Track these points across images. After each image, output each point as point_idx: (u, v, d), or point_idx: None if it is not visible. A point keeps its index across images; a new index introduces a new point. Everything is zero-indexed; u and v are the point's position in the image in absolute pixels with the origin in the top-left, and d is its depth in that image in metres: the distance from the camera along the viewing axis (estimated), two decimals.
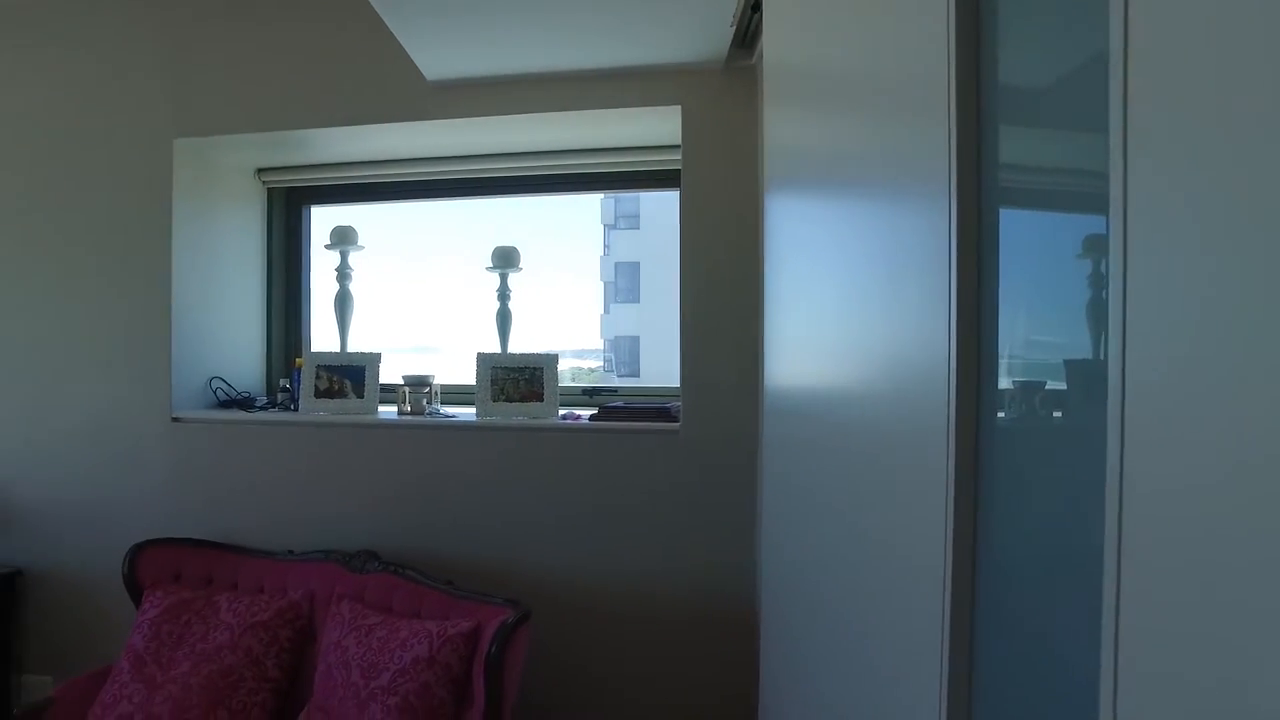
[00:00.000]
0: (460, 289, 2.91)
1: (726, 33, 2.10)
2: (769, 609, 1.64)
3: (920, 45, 0.75)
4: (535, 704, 2.32)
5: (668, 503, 2.31)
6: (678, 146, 2.57)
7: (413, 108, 2.44)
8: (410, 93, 2.43)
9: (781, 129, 1.58)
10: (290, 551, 2.47)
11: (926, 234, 0.73)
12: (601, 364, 4.94)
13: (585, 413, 2.47)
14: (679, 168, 2.61)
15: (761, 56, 2.20)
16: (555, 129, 2.53)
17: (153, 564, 2.42)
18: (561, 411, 2.46)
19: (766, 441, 1.76)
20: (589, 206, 3.08)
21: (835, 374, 1.09)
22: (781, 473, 1.52)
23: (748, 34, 2.16)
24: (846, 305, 1.03)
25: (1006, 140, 0.66)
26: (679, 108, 2.30)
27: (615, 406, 2.40)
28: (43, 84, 2.74)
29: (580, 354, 3.24)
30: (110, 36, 2.68)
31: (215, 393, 2.72)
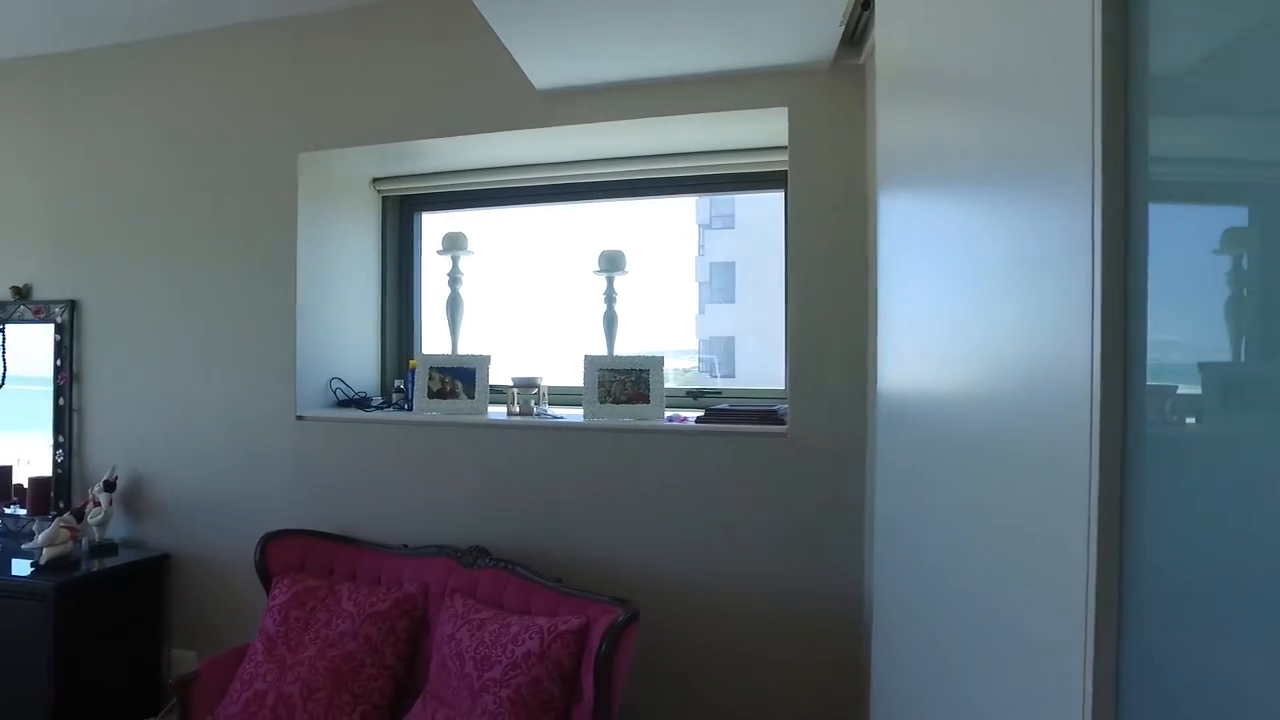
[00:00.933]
0: (566, 291, 2.97)
1: (835, 32, 2.07)
2: (882, 617, 1.60)
3: (1058, 33, 0.72)
4: (638, 702, 2.34)
5: (774, 505, 2.29)
6: (776, 148, 2.56)
7: (522, 116, 2.50)
8: (519, 102, 2.50)
9: (895, 128, 1.55)
10: (405, 546, 2.58)
11: (1064, 232, 0.70)
12: (697, 365, 4.94)
13: (690, 415, 2.48)
14: (778, 169, 2.60)
15: (871, 54, 2.16)
16: (657, 133, 2.55)
17: (281, 553, 2.57)
18: (667, 413, 2.48)
19: (879, 446, 1.72)
20: (684, 207, 3.09)
21: (958, 378, 1.05)
22: (896, 479, 1.48)
23: (856, 32, 2.12)
24: (971, 307, 1.00)
25: (1157, 131, 0.62)
26: (785, 109, 2.29)
27: (721, 409, 2.39)
28: (187, 109, 2.96)
29: (675, 355, 3.25)
30: (244, 65, 2.88)
31: (335, 392, 2.87)
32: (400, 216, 3.15)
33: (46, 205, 3.19)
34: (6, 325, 3.23)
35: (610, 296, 2.63)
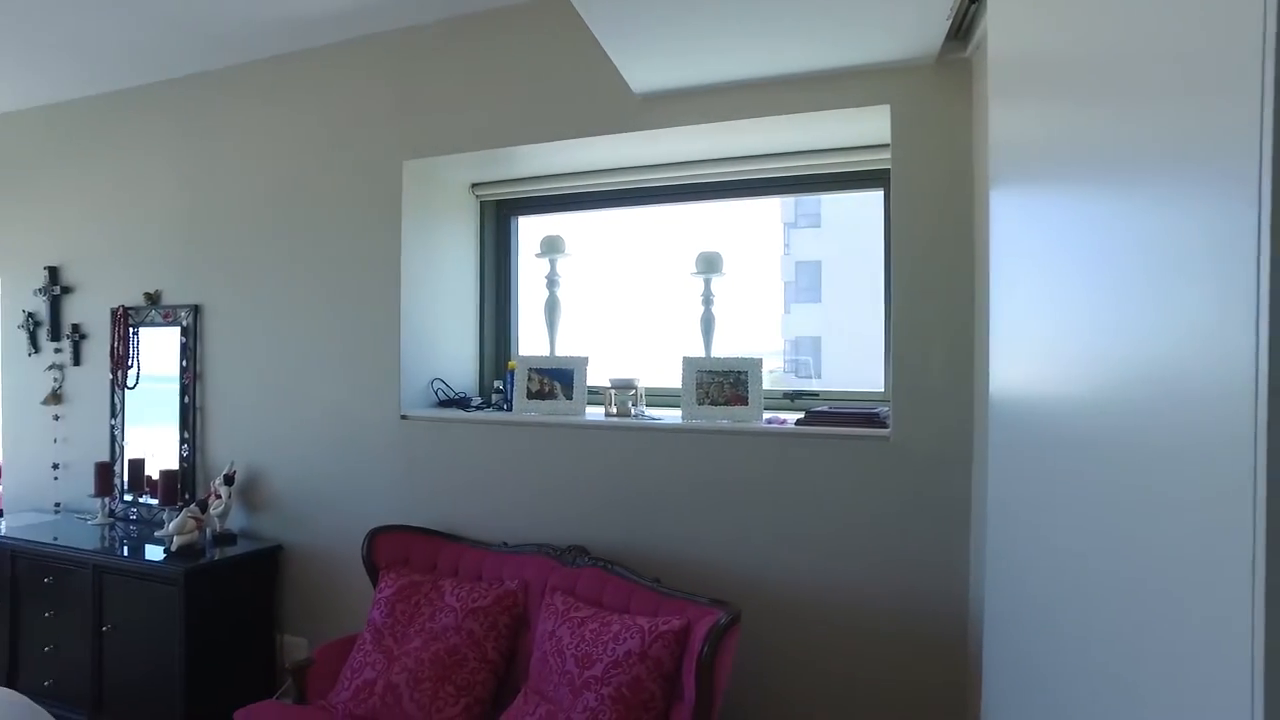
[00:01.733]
0: (662, 293, 2.98)
1: (940, 27, 2.02)
2: (994, 626, 1.55)
3: (1210, 13, 0.68)
4: (736, 704, 2.33)
5: (875, 509, 2.25)
6: (872, 146, 2.52)
7: (620, 120, 2.53)
8: (617, 106, 2.52)
9: (1010, 123, 1.50)
10: (505, 543, 2.64)
11: (1219, 227, 0.66)
12: (782, 365, 4.87)
13: (788, 417, 2.46)
14: (873, 168, 2.56)
15: (978, 48, 2.09)
16: (752, 134, 2.53)
17: (386, 547, 2.67)
18: (765, 415, 2.46)
19: (992, 448, 1.67)
20: (769, 206, 3.06)
21: (1086, 382, 1.01)
22: (1011, 485, 1.44)
23: (962, 26, 2.06)
24: (1101, 308, 0.96)
25: None
26: (887, 107, 2.24)
27: (821, 411, 2.37)
28: (297, 125, 3.11)
29: (760, 355, 3.23)
30: (350, 80, 3.00)
31: (436, 393, 2.96)
32: (498, 220, 3.23)
33: (174, 218, 3.40)
34: (140, 328, 3.46)
35: (708, 298, 2.63)
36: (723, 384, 2.47)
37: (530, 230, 3.21)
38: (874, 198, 2.65)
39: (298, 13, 2.76)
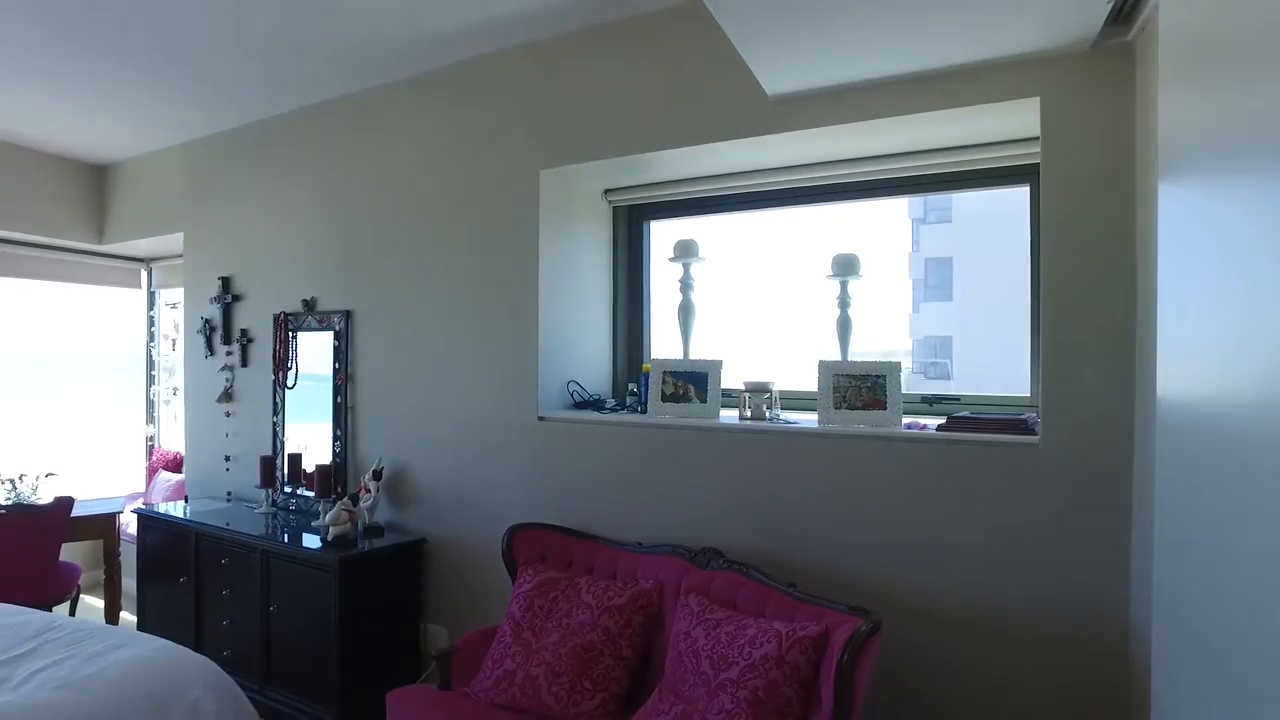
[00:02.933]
0: (796, 295, 2.95)
1: (1101, 9, 1.91)
2: (1165, 645, 1.45)
3: None
4: (876, 714, 2.28)
5: (1023, 517, 2.14)
6: (1017, 141, 2.40)
7: (754, 124, 2.52)
8: (751, 110, 2.52)
9: (1188, 108, 1.39)
10: (639, 544, 2.68)
11: None
12: (911, 366, 4.69)
13: (928, 422, 2.38)
14: (1019, 163, 2.44)
15: (1143, 29, 1.96)
16: (887, 133, 2.47)
17: (525, 544, 2.76)
18: (905, 420, 2.40)
19: (1161, 455, 1.56)
20: (897, 202, 2.96)
21: None
22: (1189, 495, 1.34)
23: (1124, 7, 1.94)
24: None
25: None
26: (1037, 99, 2.13)
27: (963, 417, 2.28)
28: (438, 138, 3.27)
29: (884, 356, 3.13)
30: (487, 93, 3.13)
31: (571, 395, 3.05)
32: (630, 225, 3.28)
33: (328, 230, 3.65)
34: (299, 332, 3.74)
35: (844, 301, 2.59)
36: (859, 388, 2.42)
37: (662, 235, 3.25)
38: (1011, 190, 2.53)
39: (434, 30, 2.90)
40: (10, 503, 3.75)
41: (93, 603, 4.49)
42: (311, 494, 3.54)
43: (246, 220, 4.04)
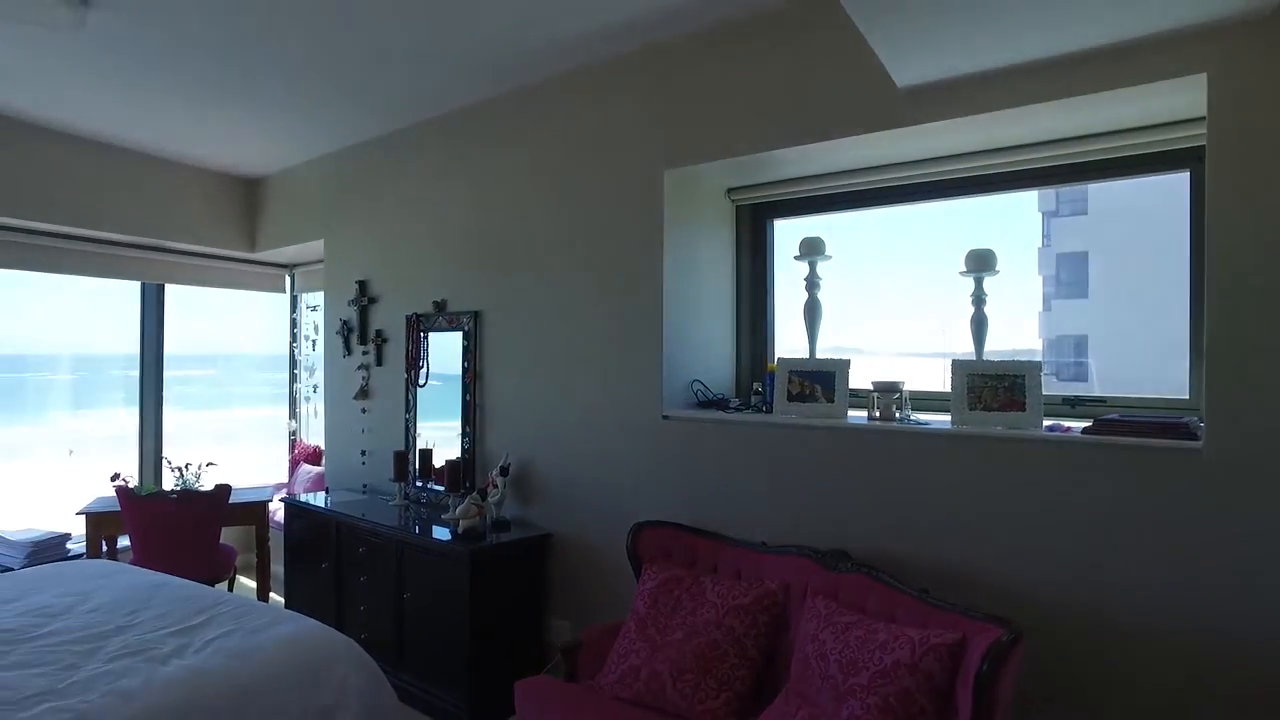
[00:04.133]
0: (926, 292, 2.86)
1: None
2: None
3: None
4: None
5: (1183, 527, 2.00)
6: (1172, 123, 2.25)
7: (883, 117, 2.46)
8: (880, 103, 2.46)
9: None
10: (764, 543, 2.65)
11: None
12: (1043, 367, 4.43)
13: (1071, 424, 2.26)
14: (1173, 147, 2.28)
15: None
16: (1024, 121, 2.36)
17: (650, 541, 2.79)
18: (1046, 422, 2.28)
19: None
20: (1024, 195, 2.81)
21: None
22: None
23: None
24: None
25: None
26: (1203, 76, 1.98)
27: (1112, 419, 2.15)
28: (563, 142, 3.35)
29: (1015, 355, 2.97)
30: (610, 96, 3.19)
31: (695, 394, 3.06)
32: (754, 223, 3.27)
33: (457, 234, 3.81)
34: (430, 333, 3.91)
35: (979, 298, 2.49)
36: (996, 388, 2.32)
37: (786, 233, 3.22)
38: (1154, 179, 2.36)
39: (560, 37, 2.98)
40: (179, 489, 4.09)
41: (245, 583, 4.83)
42: (441, 488, 3.69)
43: (381, 227, 4.26)
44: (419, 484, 3.91)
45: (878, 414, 2.53)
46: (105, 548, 4.17)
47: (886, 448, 2.47)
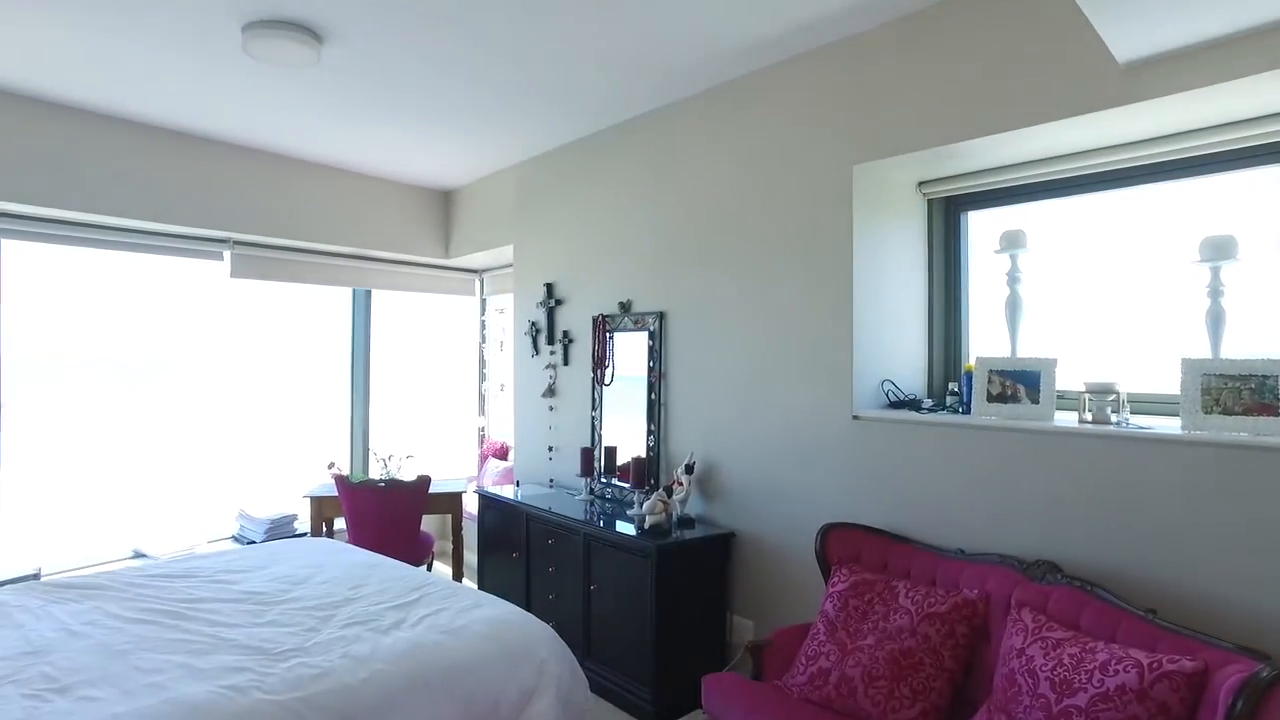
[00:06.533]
0: (1144, 285, 2.62)
1: None
2: None
3: None
4: None
5: None
6: None
7: (1097, 97, 2.28)
8: (1093, 81, 2.28)
9: None
10: (961, 550, 2.54)
11: None
12: None
13: None
14: None
15: None
16: (1268, 90, 2.10)
17: (839, 544, 2.74)
18: None
19: None
20: (1267, 172, 2.46)
21: None
22: None
23: None
24: None
25: None
26: None
27: None
28: (749, 141, 3.35)
29: (1257, 354, 2.63)
30: (798, 93, 3.15)
31: (886, 394, 2.97)
32: (946, 217, 3.13)
33: (642, 235, 3.91)
34: (615, 333, 4.04)
35: (1216, 290, 2.24)
36: (1239, 390, 2.09)
37: (981, 226, 3.05)
38: None
39: (747, 38, 2.99)
40: (385, 478, 4.46)
41: (441, 568, 5.20)
42: (625, 485, 3.80)
43: (568, 231, 4.44)
44: (603, 480, 4.04)
45: (1089, 417, 2.35)
46: (324, 528, 4.64)
47: (1101, 454, 2.28)
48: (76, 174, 3.92)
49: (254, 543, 4.68)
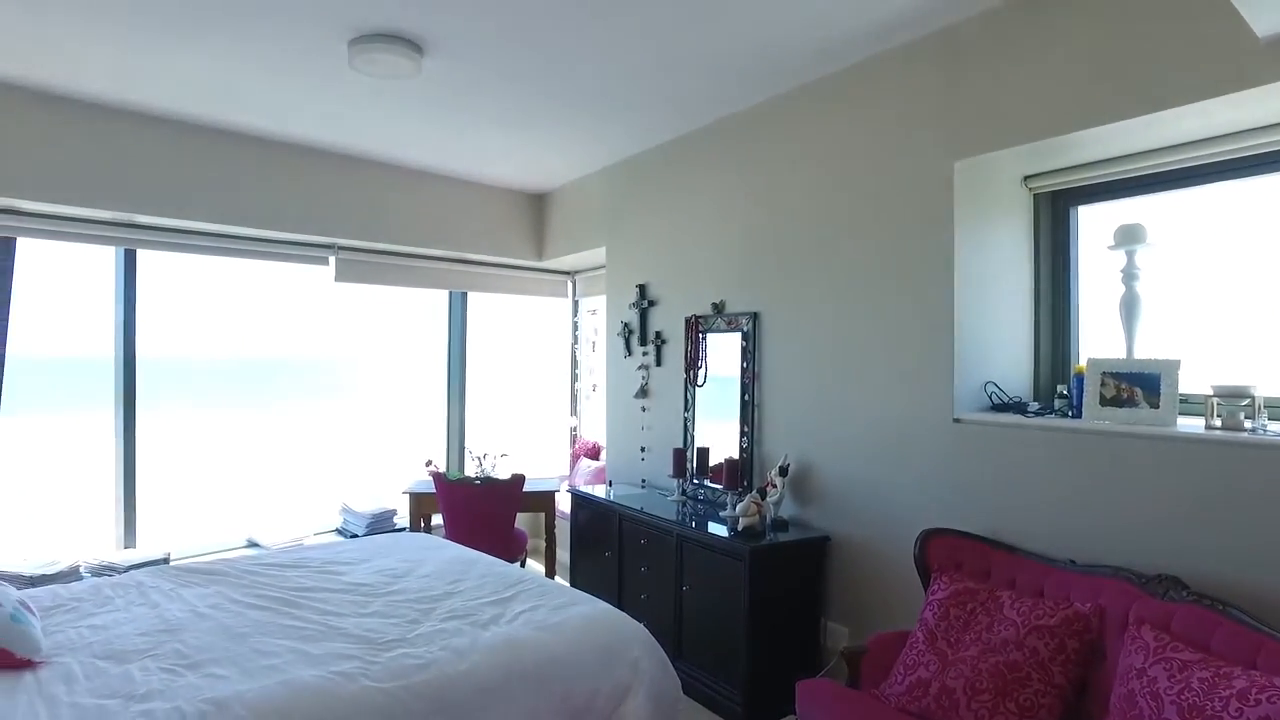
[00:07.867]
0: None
1: None
2: None
3: None
4: None
5: None
6: None
7: (1230, 78, 2.12)
8: (1225, 61, 2.13)
9: None
10: (1072, 561, 2.42)
11: None
12: None
13: None
14: None
15: None
16: None
17: (939, 550, 2.65)
18: None
19: None
20: None
21: None
22: None
23: None
24: None
25: None
26: None
27: None
28: (844, 138, 3.29)
29: None
30: (892, 88, 3.08)
31: (989, 396, 2.85)
32: (1054, 212, 2.99)
33: (735, 236, 3.88)
34: (708, 334, 4.03)
35: None
36: None
37: (1092, 221, 2.90)
38: None
39: (838, 33, 2.93)
40: (481, 476, 4.58)
41: (534, 565, 5.30)
42: (717, 486, 3.78)
43: (660, 232, 4.46)
44: (695, 481, 4.03)
45: (1218, 422, 2.20)
46: (423, 524, 4.80)
47: (1233, 462, 2.13)
48: (201, 187, 4.18)
49: (356, 535, 4.89)
